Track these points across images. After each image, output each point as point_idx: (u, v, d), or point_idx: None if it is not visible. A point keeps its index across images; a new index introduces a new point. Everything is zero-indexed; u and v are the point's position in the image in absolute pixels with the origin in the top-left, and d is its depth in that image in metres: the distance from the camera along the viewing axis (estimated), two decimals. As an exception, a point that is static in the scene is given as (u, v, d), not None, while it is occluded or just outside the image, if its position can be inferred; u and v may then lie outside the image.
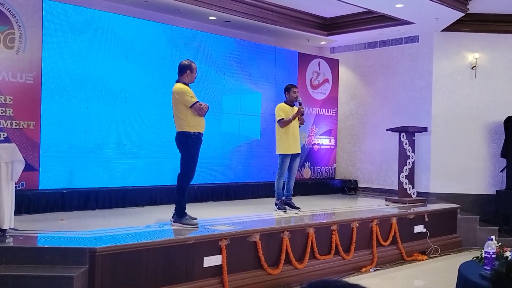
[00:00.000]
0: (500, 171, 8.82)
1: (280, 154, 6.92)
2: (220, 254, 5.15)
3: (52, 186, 6.43)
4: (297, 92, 7.06)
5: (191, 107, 5.42)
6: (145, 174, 7.29)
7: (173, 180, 5.68)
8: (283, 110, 6.94)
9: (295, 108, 6.96)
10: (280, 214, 6.76)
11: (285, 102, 7.06)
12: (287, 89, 7.07)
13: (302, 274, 5.80)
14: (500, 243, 4.29)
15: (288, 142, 6.87)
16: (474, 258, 4.41)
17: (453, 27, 8.79)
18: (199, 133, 5.53)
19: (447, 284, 5.71)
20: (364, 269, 6.48)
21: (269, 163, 8.48)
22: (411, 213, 7.46)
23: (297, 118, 6.96)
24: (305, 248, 5.94)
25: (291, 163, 6.94)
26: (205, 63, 7.86)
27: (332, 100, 10.04)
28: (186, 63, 5.63)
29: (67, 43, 6.58)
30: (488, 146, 9.02)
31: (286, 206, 6.95)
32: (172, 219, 5.57)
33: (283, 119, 6.85)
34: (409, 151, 8.33)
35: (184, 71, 5.59)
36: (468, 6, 8.12)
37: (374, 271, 6.54)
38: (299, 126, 7.11)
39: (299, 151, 7.09)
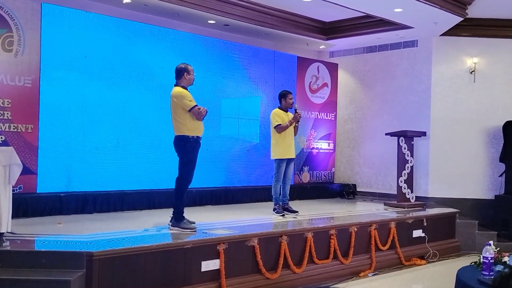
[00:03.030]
0: (499, 176, 8.82)
1: (276, 159, 6.92)
2: (218, 258, 5.13)
3: (50, 190, 6.42)
4: (293, 98, 7.06)
5: (189, 111, 5.42)
6: (143, 178, 7.28)
7: (171, 184, 5.67)
8: (279, 115, 6.92)
9: (290, 114, 6.97)
10: (278, 218, 6.75)
11: (280, 108, 7.05)
12: (283, 96, 7.05)
13: (301, 278, 5.79)
14: (498, 248, 4.28)
15: (284, 147, 6.87)
16: (472, 263, 4.41)
17: (452, 31, 8.81)
18: (198, 137, 5.52)
19: (445, 289, 5.71)
20: (362, 274, 6.46)
21: (268, 167, 8.46)
22: (409, 217, 7.45)
23: (294, 125, 6.97)
24: (303, 253, 5.92)
25: (286, 168, 6.94)
26: (204, 67, 7.86)
27: (331, 104, 10.04)
28: (182, 66, 5.63)
29: (65, 46, 6.57)
30: (487, 151, 9.02)
31: (284, 211, 6.94)
32: (170, 223, 5.55)
33: (280, 124, 6.83)
34: (407, 156, 8.33)
35: (181, 74, 5.58)
36: (466, 11, 8.13)
37: (372, 275, 6.52)
38: (294, 135, 7.14)
39: (294, 156, 7.08)
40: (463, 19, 8.20)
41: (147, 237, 5.14)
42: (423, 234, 7.49)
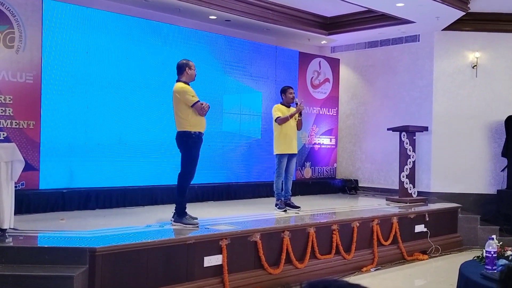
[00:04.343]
0: (501, 171, 8.81)
1: (277, 155, 6.92)
2: (221, 253, 5.14)
3: (52, 186, 6.42)
4: (293, 93, 7.08)
5: (192, 106, 5.41)
6: (145, 174, 7.28)
7: (174, 180, 5.67)
8: (279, 109, 6.95)
9: (292, 109, 6.97)
10: (280, 213, 6.75)
11: (281, 103, 7.05)
12: (283, 91, 7.07)
13: (303, 273, 5.79)
14: (501, 243, 4.28)
15: (285, 142, 6.86)
16: (475, 258, 4.40)
17: (454, 26, 8.78)
18: (200, 132, 5.52)
19: (447, 284, 5.71)
20: (364, 269, 6.47)
21: (270, 163, 8.44)
22: (411, 212, 7.45)
23: (296, 120, 6.95)
24: (305, 248, 5.92)
25: (287, 164, 6.94)
26: (205, 63, 7.85)
27: (332, 100, 10.03)
28: (184, 61, 5.64)
29: (67, 42, 6.57)
30: (489, 146, 9.01)
31: (286, 207, 6.94)
32: (173, 219, 5.56)
33: (279, 117, 6.85)
34: (409, 151, 8.31)
35: (182, 69, 5.58)
36: (468, 5, 8.10)
37: (374, 270, 6.53)
38: (299, 130, 7.12)
39: (296, 152, 7.08)
40: (465, 13, 8.17)
41: (149, 232, 5.14)
42: (425, 229, 7.49)
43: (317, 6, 8.79)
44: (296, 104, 6.97)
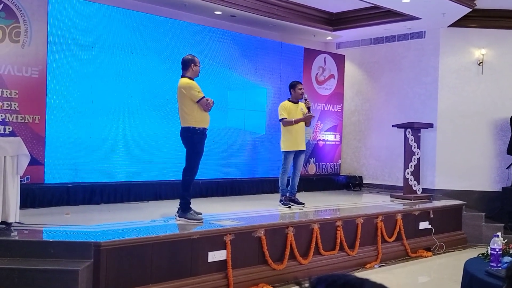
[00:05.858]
0: (506, 168, 8.78)
1: (283, 151, 6.88)
2: (225, 249, 5.14)
3: (57, 180, 6.45)
4: (303, 89, 6.96)
5: (197, 102, 5.42)
6: (150, 169, 7.29)
7: (178, 175, 5.68)
8: (285, 108, 6.81)
9: (300, 104, 6.89)
10: (284, 209, 6.75)
11: (289, 100, 6.94)
12: (292, 86, 6.93)
13: (307, 269, 5.80)
14: (506, 240, 4.28)
15: (292, 139, 6.78)
16: (480, 255, 4.40)
17: (460, 22, 8.73)
18: (204, 128, 5.52)
19: (451, 281, 5.71)
20: (368, 265, 6.47)
21: (274, 159, 8.46)
22: (416, 209, 7.44)
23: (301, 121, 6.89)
24: (309, 244, 5.93)
25: (295, 160, 6.89)
26: (210, 58, 7.85)
27: (337, 96, 10.01)
28: (189, 57, 5.63)
29: (72, 37, 6.57)
30: (494, 143, 8.98)
31: (290, 203, 6.93)
32: (177, 214, 5.57)
33: (285, 118, 6.76)
34: (414, 147, 8.30)
35: (188, 65, 5.58)
36: (475, 2, 8.06)
37: (378, 267, 6.53)
38: (307, 126, 7.04)
39: (304, 148, 6.99)
40: (471, 10, 8.13)
41: (154, 227, 5.15)
42: (429, 226, 7.48)
43: (323, 2, 8.76)
44: (305, 100, 6.88)
